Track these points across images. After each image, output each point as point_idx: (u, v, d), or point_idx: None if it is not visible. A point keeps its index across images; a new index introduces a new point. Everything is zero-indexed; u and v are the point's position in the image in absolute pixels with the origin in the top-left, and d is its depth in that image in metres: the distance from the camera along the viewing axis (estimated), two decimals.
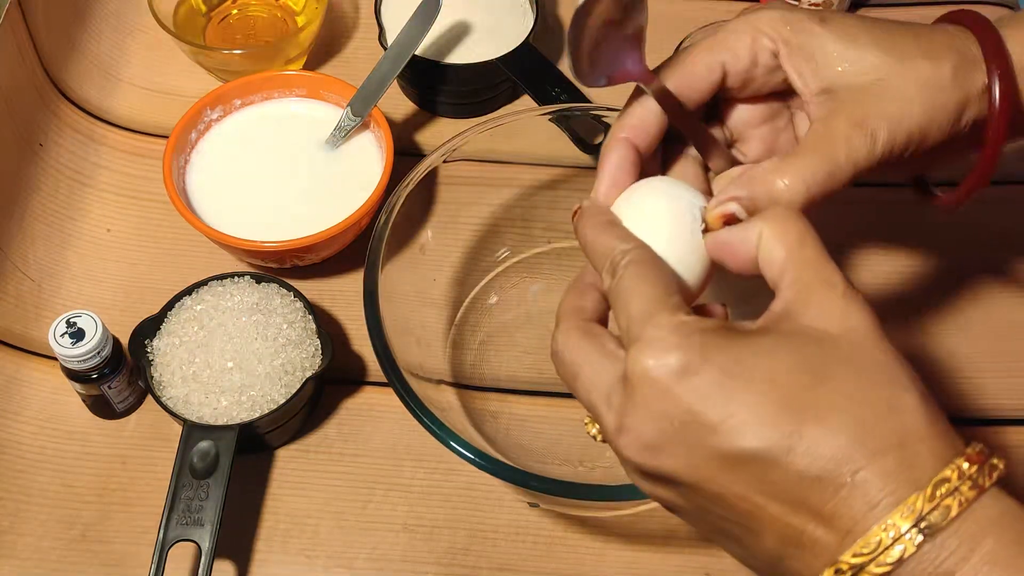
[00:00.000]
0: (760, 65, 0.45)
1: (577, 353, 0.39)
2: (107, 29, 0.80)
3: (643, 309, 0.37)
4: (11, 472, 0.61)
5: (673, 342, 0.36)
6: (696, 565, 0.58)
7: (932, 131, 0.43)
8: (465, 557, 0.58)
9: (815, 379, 0.35)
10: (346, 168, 0.69)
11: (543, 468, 0.60)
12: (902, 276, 0.69)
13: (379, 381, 0.64)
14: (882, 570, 0.33)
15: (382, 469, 0.61)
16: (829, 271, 0.37)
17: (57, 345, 0.57)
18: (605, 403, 0.38)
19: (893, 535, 0.33)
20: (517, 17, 0.76)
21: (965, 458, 0.34)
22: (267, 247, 0.63)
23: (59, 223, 0.70)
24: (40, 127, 0.72)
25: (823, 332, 0.36)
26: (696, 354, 0.35)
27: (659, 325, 0.36)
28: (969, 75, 0.43)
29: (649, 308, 0.37)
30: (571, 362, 0.40)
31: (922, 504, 0.33)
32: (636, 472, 0.38)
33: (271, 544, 0.59)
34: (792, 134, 0.48)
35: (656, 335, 0.36)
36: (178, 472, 0.56)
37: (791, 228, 0.38)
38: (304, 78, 0.72)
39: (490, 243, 0.67)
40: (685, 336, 0.36)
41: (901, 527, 0.33)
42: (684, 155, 0.47)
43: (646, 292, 0.38)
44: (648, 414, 0.36)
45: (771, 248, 0.38)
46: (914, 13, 0.82)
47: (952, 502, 0.33)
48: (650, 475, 0.37)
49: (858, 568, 0.33)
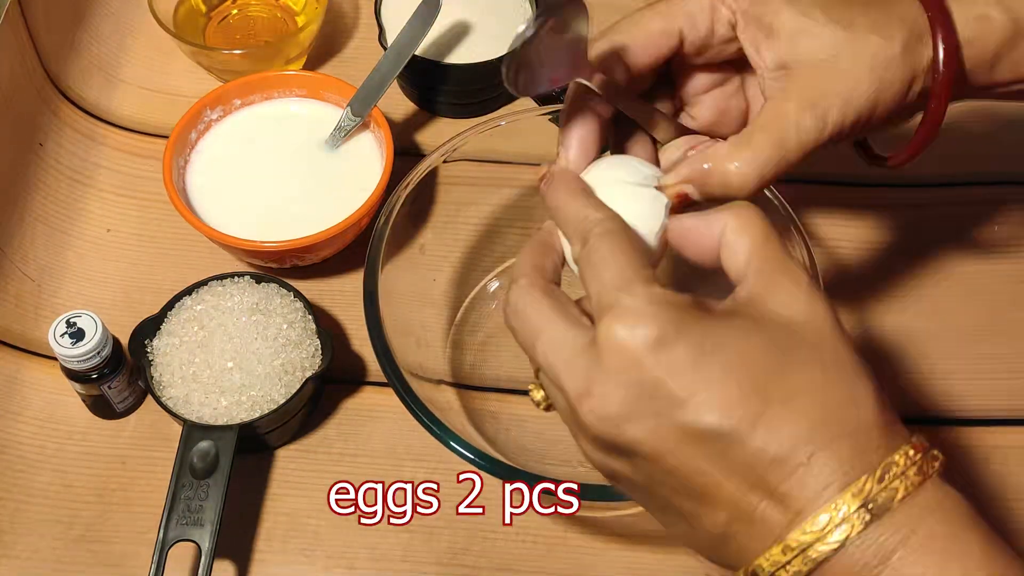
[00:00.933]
0: (717, 35, 0.45)
1: (539, 315, 0.39)
2: (107, 29, 0.80)
3: (617, 278, 0.37)
4: (11, 472, 0.61)
5: (649, 312, 0.36)
6: (696, 565, 0.58)
7: (880, 106, 0.44)
8: (465, 557, 0.58)
9: (783, 364, 0.36)
10: (346, 168, 0.69)
11: (543, 468, 0.60)
12: (900, 277, 0.69)
13: (379, 381, 0.64)
14: (827, 548, 0.34)
15: (382, 469, 0.61)
16: (792, 266, 0.39)
17: (57, 345, 0.57)
18: (567, 368, 0.37)
19: (843, 514, 0.34)
20: (517, 16, 0.76)
21: (911, 446, 0.36)
22: (267, 247, 0.63)
23: (59, 223, 0.70)
24: (40, 127, 0.72)
25: (789, 320, 0.37)
26: (671, 326, 0.36)
27: (635, 294, 0.37)
28: (917, 50, 0.44)
29: (623, 277, 0.37)
30: (532, 323, 0.39)
31: (871, 486, 0.34)
32: (591, 441, 0.38)
33: (271, 544, 0.59)
34: (743, 99, 0.49)
35: (631, 304, 0.36)
36: (178, 472, 0.56)
37: (756, 223, 0.39)
38: (304, 78, 0.72)
39: (490, 243, 0.67)
40: (661, 307, 0.36)
41: (849, 507, 0.34)
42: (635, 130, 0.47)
43: (620, 261, 0.38)
44: (617, 382, 0.36)
45: (736, 240, 0.39)
46: None
47: (899, 485, 0.34)
48: (607, 444, 0.37)
49: (805, 546, 0.34)
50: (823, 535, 0.34)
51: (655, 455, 0.36)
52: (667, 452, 0.36)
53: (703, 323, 0.36)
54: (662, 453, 0.36)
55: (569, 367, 0.37)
